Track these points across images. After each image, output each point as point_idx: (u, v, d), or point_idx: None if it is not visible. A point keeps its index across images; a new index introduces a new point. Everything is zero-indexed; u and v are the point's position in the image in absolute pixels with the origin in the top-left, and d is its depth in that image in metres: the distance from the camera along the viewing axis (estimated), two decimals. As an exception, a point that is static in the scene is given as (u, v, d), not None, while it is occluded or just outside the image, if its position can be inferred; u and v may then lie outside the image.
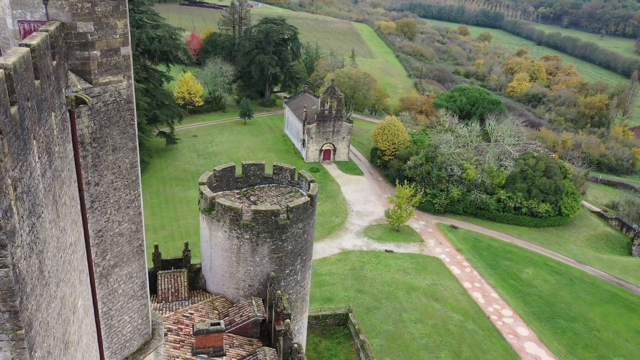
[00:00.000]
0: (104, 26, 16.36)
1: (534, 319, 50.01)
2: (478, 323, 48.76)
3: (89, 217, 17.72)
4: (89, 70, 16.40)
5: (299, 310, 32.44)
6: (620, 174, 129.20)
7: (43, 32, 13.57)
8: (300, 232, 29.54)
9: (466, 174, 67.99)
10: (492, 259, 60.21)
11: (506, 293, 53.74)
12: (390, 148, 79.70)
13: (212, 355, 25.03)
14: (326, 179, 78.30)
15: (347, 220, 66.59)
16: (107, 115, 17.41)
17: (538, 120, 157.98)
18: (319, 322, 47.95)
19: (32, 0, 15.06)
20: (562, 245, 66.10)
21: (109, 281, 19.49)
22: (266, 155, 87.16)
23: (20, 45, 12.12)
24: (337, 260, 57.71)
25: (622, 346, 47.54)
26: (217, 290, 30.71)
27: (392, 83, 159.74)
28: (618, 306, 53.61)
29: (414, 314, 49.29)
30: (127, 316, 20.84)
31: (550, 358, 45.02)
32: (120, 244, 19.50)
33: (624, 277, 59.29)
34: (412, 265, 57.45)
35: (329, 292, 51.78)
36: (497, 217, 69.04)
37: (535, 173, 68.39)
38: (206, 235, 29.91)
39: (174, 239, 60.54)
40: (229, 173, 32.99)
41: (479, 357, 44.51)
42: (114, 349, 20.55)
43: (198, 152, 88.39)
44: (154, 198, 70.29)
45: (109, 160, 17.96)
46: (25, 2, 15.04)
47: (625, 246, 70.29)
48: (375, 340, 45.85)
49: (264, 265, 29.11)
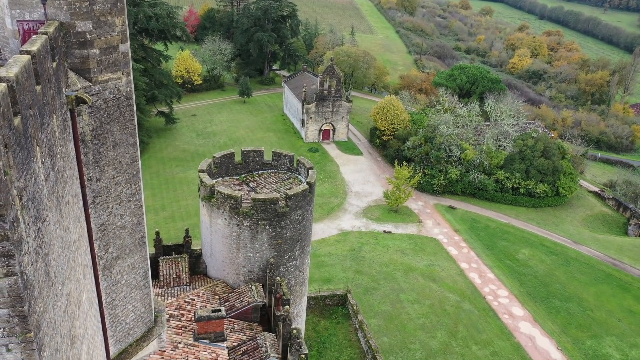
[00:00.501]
0: (103, 24, 16.44)
1: (529, 299, 50.92)
2: (474, 303, 49.67)
3: (92, 212, 18.08)
4: (88, 68, 16.55)
5: (298, 295, 33.11)
6: (620, 151, 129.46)
7: (43, 36, 13.68)
8: (299, 219, 29.97)
9: (465, 154, 68.21)
10: (489, 240, 60.92)
11: (502, 273, 54.56)
12: (390, 128, 79.72)
13: (214, 341, 25.76)
14: (325, 159, 78.54)
15: (346, 201, 67.09)
16: (107, 112, 17.61)
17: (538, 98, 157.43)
18: (318, 303, 48.78)
19: (30, 0, 15.12)
20: (559, 225, 66.78)
21: (112, 273, 19.97)
22: (265, 135, 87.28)
23: (21, 51, 12.28)
24: (336, 241, 58.40)
25: (614, 326, 48.54)
26: (217, 275, 31.29)
27: (392, 60, 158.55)
28: (612, 286, 54.50)
29: (411, 295, 50.16)
30: (131, 305, 21.39)
31: (544, 337, 46.03)
32: (123, 236, 19.91)
33: (619, 257, 60.09)
34: (410, 246, 58.16)
35: (327, 273, 52.57)
36: (495, 197, 69.54)
37: (533, 153, 68.62)
38: (206, 222, 30.34)
39: (174, 220, 61.14)
40: (228, 159, 33.25)
41: (474, 336, 45.49)
42: (118, 337, 21.16)
43: (197, 132, 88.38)
44: (154, 179, 70.64)
45: (110, 156, 18.23)
46: (24, 2, 15.10)
47: (621, 226, 71.00)
48: (373, 320, 46.78)
49: (263, 251, 29.62)
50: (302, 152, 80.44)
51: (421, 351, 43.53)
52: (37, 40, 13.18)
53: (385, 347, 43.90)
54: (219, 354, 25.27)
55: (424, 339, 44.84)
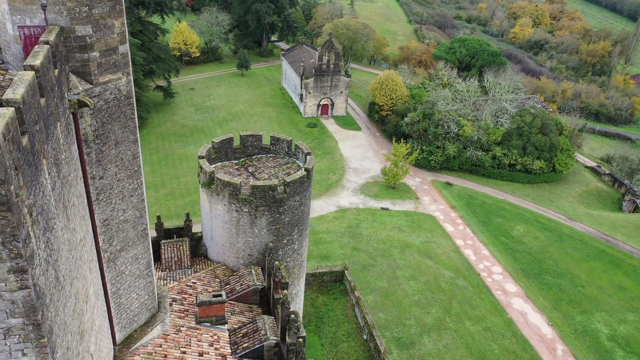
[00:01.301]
0: (102, 27, 16.69)
1: (522, 276, 52.15)
2: (468, 280, 50.90)
3: (96, 209, 18.70)
4: (89, 71, 16.89)
5: (297, 276, 34.08)
6: (619, 123, 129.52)
7: (45, 46, 14.00)
8: (297, 204, 30.65)
9: (462, 130, 68.48)
10: (485, 216, 61.85)
11: (497, 250, 55.67)
12: (388, 103, 79.69)
13: (215, 324, 26.81)
14: (324, 135, 78.81)
15: (344, 178, 67.72)
16: (109, 112, 18.02)
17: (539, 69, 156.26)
18: (316, 279, 50.00)
19: (30, 7, 15.35)
20: (554, 201, 67.63)
21: (117, 264, 20.72)
22: (264, 110, 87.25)
23: (25, 67, 12.66)
24: (334, 218, 59.29)
25: (604, 301, 49.89)
26: (218, 258, 32.16)
27: (391, 29, 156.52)
28: (604, 262, 55.68)
29: (407, 271, 51.34)
30: (135, 294, 22.24)
31: (535, 313, 47.41)
32: (126, 229, 20.58)
33: (612, 233, 61.14)
34: (406, 223, 59.11)
35: (325, 250, 53.62)
36: (492, 173, 70.16)
37: (531, 130, 68.90)
38: (206, 207, 31.01)
39: (174, 197, 61.87)
40: (227, 144, 33.68)
41: (467, 312, 46.85)
42: (123, 324, 22.10)
43: (196, 107, 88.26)
44: (153, 155, 71.06)
45: (112, 154, 18.73)
46: (24, 8, 15.33)
47: (616, 202, 71.89)
48: (369, 296, 48.06)
49: (262, 236, 30.40)
50: (300, 128, 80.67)
51: (416, 327, 44.93)
52: (39, 52, 13.52)
53: (381, 322, 45.27)
54: (220, 336, 26.33)
55: (419, 315, 46.20)
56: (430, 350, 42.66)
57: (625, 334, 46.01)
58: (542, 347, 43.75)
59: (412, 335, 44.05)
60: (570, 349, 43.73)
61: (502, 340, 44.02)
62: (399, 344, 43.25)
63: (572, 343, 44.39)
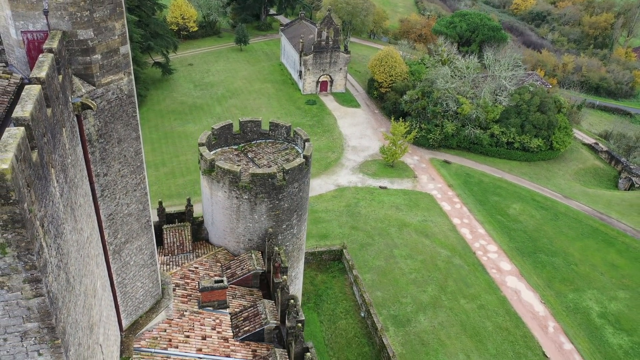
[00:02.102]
0: (103, 30, 17.00)
1: (517, 254, 53.24)
2: (464, 258, 52.00)
3: (100, 205, 19.33)
4: (91, 73, 17.27)
5: (296, 259, 34.99)
6: (619, 97, 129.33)
7: (49, 55, 14.38)
8: (296, 190, 31.29)
9: (461, 108, 68.65)
10: (482, 195, 62.62)
11: (493, 229, 56.63)
12: (387, 80, 79.54)
13: (217, 308, 27.79)
14: (323, 112, 78.92)
15: (343, 156, 68.22)
16: (111, 112, 18.47)
17: (540, 41, 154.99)
18: (315, 258, 51.09)
19: (33, 12, 15.64)
20: (551, 179, 68.31)
21: (122, 255, 21.49)
22: (263, 87, 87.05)
23: (30, 80, 13.07)
24: (332, 197, 60.05)
25: (597, 279, 51.11)
26: (219, 242, 32.98)
27: (392, 1, 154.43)
28: (597, 240, 56.73)
29: (404, 250, 52.38)
30: (139, 282, 23.09)
31: (528, 291, 48.65)
32: (130, 222, 21.26)
33: (607, 211, 62.04)
34: (404, 202, 59.92)
35: (324, 229, 54.56)
36: (490, 151, 70.64)
37: (529, 108, 69.05)
38: (207, 193, 31.64)
39: (174, 176, 62.47)
40: (227, 130, 34.08)
41: (462, 290, 48.07)
42: (129, 311, 23.01)
43: (195, 83, 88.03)
44: (153, 133, 71.35)
45: (115, 151, 19.26)
46: (27, 14, 15.63)
47: (612, 179, 72.59)
48: (367, 275, 49.20)
49: (262, 222, 31.15)
50: (299, 105, 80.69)
51: (412, 305, 46.20)
52: (44, 62, 13.91)
53: (378, 300, 46.52)
54: (222, 320, 27.35)
55: (415, 293, 47.42)
56: (425, 328, 44.00)
57: (616, 311, 47.34)
58: (534, 324, 45.10)
59: (409, 313, 45.33)
60: (561, 326, 45.09)
61: (495, 318, 45.34)
62: (395, 321, 44.57)
63: (564, 320, 45.73)
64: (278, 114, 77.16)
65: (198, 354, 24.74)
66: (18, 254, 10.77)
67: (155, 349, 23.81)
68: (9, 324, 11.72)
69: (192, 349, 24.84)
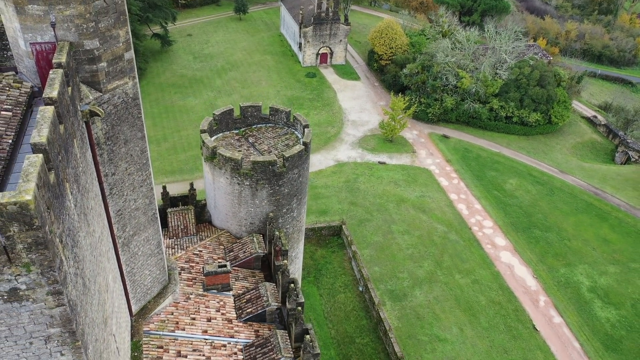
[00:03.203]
0: (108, 39, 17.62)
1: (512, 230, 54.57)
2: (460, 234, 53.36)
3: (109, 202, 20.33)
4: (98, 80, 17.97)
5: (296, 240, 36.23)
6: (621, 66, 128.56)
7: (59, 71, 15.07)
8: (296, 176, 32.22)
9: (461, 82, 68.77)
10: (480, 170, 63.53)
11: (489, 204, 57.79)
12: (388, 52, 79.24)
13: (221, 291, 29.17)
14: (323, 85, 78.98)
15: (343, 131, 68.80)
16: (117, 115, 19.24)
17: (544, 7, 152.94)
18: (315, 233, 52.48)
19: (40, 25, 16.25)
20: (548, 154, 69.06)
21: (130, 247, 22.64)
22: (262, 59, 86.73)
23: (44, 100, 13.82)
24: (332, 172, 61.00)
25: (588, 254, 52.57)
26: (221, 225, 34.13)
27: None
28: (591, 215, 57.96)
29: (402, 226, 53.70)
30: (147, 270, 24.34)
31: (522, 266, 50.20)
32: (137, 216, 22.32)
33: (602, 186, 63.05)
34: (403, 177, 60.89)
35: (324, 205, 55.74)
36: (489, 125, 71.12)
37: (529, 82, 69.14)
38: (209, 179, 32.58)
39: (176, 152, 63.27)
40: (228, 116, 34.72)
41: (458, 266, 49.61)
42: (138, 298, 24.35)
43: (194, 55, 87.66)
44: (154, 107, 71.72)
45: (122, 152, 20.12)
46: (35, 26, 16.24)
47: (609, 153, 73.31)
48: (365, 250, 50.67)
49: (263, 206, 32.20)
50: (299, 78, 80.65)
51: (409, 280, 47.81)
52: (55, 80, 14.62)
53: (376, 275, 48.14)
54: (226, 302, 28.76)
55: (412, 268, 48.99)
56: (421, 302, 45.72)
57: (605, 285, 48.98)
58: (526, 298, 46.80)
59: (405, 287, 46.98)
60: (552, 300, 46.80)
61: (489, 292, 47.02)
62: (392, 296, 46.26)
63: (555, 294, 47.42)
64: (278, 88, 77.30)
65: (204, 335, 26.23)
66: (41, 271, 11.84)
67: (163, 332, 25.28)
68: (34, 330, 12.90)
69: (198, 330, 26.31)
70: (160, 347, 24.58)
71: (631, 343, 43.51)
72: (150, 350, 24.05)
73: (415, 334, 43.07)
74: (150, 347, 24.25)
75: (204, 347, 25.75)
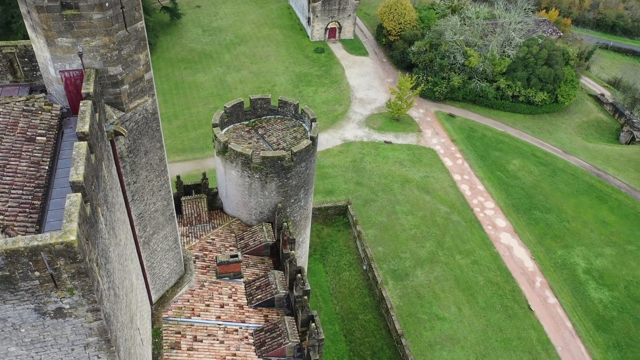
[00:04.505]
0: (130, 64, 19.04)
1: (513, 211, 56.17)
2: (462, 215, 55.07)
3: (131, 207, 22.14)
4: (121, 101, 19.50)
5: (303, 227, 38.14)
6: (635, 36, 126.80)
7: (88, 103, 16.60)
8: (303, 169, 33.82)
9: (469, 61, 69.06)
10: (484, 150, 64.64)
11: (492, 185, 59.21)
12: (396, 28, 79.14)
13: (233, 278, 31.31)
14: (331, 61, 79.39)
15: (350, 109, 69.75)
16: (138, 130, 20.83)
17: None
18: (321, 213, 54.40)
19: (69, 55, 17.70)
20: (553, 133, 69.84)
21: (150, 244, 24.60)
22: (271, 32, 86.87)
23: (78, 135, 15.40)
24: (339, 152, 62.41)
25: (586, 236, 54.23)
26: (232, 213, 36.03)
27: None
28: (591, 197, 59.28)
29: (405, 206, 55.45)
30: (166, 264, 26.39)
31: (520, 248, 52.05)
32: (156, 217, 24.19)
33: (604, 167, 64.08)
34: (408, 157, 62.24)
35: (330, 185, 57.45)
36: (495, 104, 71.71)
37: (537, 61, 69.27)
38: (221, 170, 34.26)
39: (187, 130, 64.78)
40: (238, 108, 36.08)
41: (458, 246, 51.55)
42: (157, 288, 26.50)
43: (203, 28, 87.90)
44: (164, 83, 72.79)
45: (143, 162, 21.80)
46: (64, 56, 17.70)
47: (614, 132, 73.88)
48: (370, 230, 52.65)
49: (272, 197, 33.97)
50: (308, 53, 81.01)
51: (410, 260, 49.91)
52: (85, 113, 16.17)
53: (379, 255, 50.26)
54: (238, 288, 30.93)
55: (414, 249, 51.01)
56: (422, 282, 47.94)
57: (600, 267, 50.84)
58: (523, 279, 48.86)
59: (407, 267, 49.13)
60: (548, 281, 48.84)
61: (487, 273, 49.09)
62: (394, 275, 48.48)
63: (551, 276, 49.43)
64: (287, 64, 77.85)
65: (217, 320, 28.51)
66: (83, 293, 13.74)
67: (180, 318, 27.55)
68: (76, 339, 14.92)
69: (212, 316, 28.57)
70: (178, 333, 26.90)
71: (621, 324, 45.68)
72: (169, 336, 26.37)
73: (415, 312, 45.45)
74: (169, 332, 26.57)
75: (218, 332, 28.06)
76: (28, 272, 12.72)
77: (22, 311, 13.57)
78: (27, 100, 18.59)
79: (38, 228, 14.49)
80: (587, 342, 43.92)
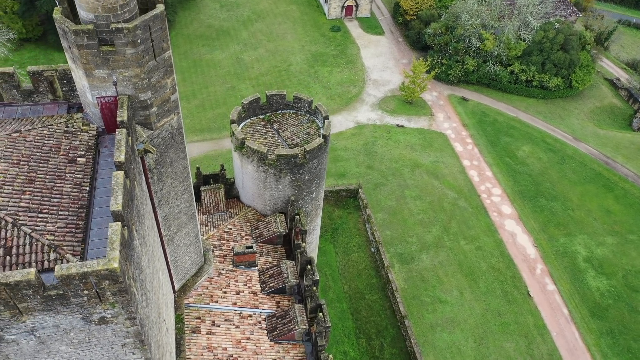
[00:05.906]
0: (158, 89, 21.03)
1: (519, 198, 57.77)
2: (469, 201, 56.88)
3: (158, 211, 24.51)
4: (150, 122, 21.58)
5: (314, 216, 40.45)
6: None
7: (123, 131, 18.69)
8: (315, 165, 35.84)
9: (484, 45, 69.33)
10: (495, 135, 65.74)
11: (500, 172, 60.66)
12: (413, 7, 79.13)
13: (248, 266, 33.92)
14: (347, 41, 79.95)
15: (364, 91, 70.88)
16: (165, 144, 22.96)
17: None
18: (333, 195, 56.59)
19: (104, 84, 19.73)
20: (565, 119, 70.43)
21: (174, 241, 27.09)
22: (288, 9, 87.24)
23: (115, 164, 17.57)
24: (352, 134, 64.05)
25: (589, 224, 55.82)
26: (248, 203, 38.39)
27: None
28: (597, 186, 60.47)
29: (414, 191, 57.36)
30: (187, 256, 28.96)
31: (524, 235, 53.94)
32: (180, 217, 26.58)
33: (613, 155, 64.93)
34: (419, 141, 63.70)
35: (342, 168, 59.41)
36: (508, 88, 72.20)
37: (552, 46, 69.27)
38: (238, 164, 36.42)
39: (204, 109, 66.70)
40: (255, 103, 37.92)
41: (464, 232, 53.61)
42: (179, 278, 29.18)
43: (221, 3, 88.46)
44: (182, 61, 74.33)
45: (168, 171, 24.02)
46: (100, 85, 19.75)
47: (627, 118, 74.08)
48: (379, 214, 54.85)
49: (285, 191, 36.18)
50: (324, 32, 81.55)
51: (417, 244, 52.20)
52: (121, 142, 18.29)
53: (387, 239, 52.59)
54: (252, 276, 33.57)
55: (421, 233, 53.22)
56: (427, 266, 50.33)
57: (601, 256, 52.66)
58: (524, 266, 50.98)
59: (413, 251, 51.48)
60: (548, 268, 50.90)
61: (490, 259, 51.26)
62: (400, 259, 50.90)
63: (551, 263, 51.44)
64: (303, 42, 78.66)
65: (233, 307, 31.27)
66: (122, 306, 16.21)
67: (200, 304, 30.34)
68: (115, 340, 17.51)
69: (229, 302, 31.32)
70: (198, 318, 29.73)
71: (616, 312, 47.84)
72: (190, 321, 29.21)
73: (419, 295, 48.05)
74: (190, 318, 29.39)
75: (234, 317, 30.85)
76: (78, 291, 15.16)
77: (72, 320, 16.11)
78: (67, 122, 20.76)
79: (83, 247, 16.90)
80: (582, 329, 46.28)
